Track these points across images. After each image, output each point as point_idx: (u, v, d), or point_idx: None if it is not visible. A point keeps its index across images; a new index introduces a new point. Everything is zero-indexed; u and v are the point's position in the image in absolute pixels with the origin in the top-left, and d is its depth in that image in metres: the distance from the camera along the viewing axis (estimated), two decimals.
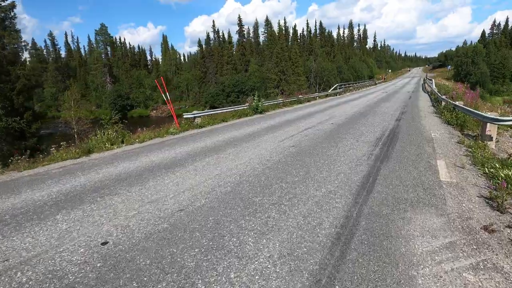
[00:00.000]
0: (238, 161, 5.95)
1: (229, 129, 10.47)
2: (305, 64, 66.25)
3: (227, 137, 8.78)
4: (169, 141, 8.68)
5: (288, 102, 18.65)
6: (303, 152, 6.41)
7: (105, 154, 7.37)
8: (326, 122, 10.77)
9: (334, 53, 74.12)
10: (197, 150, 7.19)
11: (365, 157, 5.86)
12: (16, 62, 17.54)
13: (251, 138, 8.30)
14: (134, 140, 9.22)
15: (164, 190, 4.46)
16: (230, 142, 7.91)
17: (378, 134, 8.11)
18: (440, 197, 3.89)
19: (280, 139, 8.00)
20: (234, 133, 9.34)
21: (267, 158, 6.04)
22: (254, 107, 14.55)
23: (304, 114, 13.88)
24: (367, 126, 9.43)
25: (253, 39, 74.79)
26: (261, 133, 9.03)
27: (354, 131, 8.65)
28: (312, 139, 7.75)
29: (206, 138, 8.73)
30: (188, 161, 6.10)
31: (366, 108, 15.05)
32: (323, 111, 14.44)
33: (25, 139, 18.14)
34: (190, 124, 11.62)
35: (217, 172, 5.24)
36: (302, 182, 4.54)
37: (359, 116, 11.93)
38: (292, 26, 78.67)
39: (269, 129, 9.88)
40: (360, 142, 7.19)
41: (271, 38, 66.09)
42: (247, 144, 7.51)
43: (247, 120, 12.78)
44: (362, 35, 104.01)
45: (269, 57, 63.33)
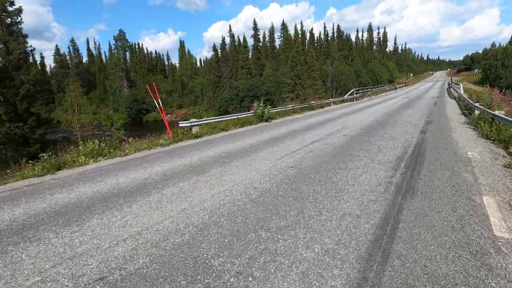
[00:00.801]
0: (218, 188, 4.73)
1: (226, 140, 9.29)
2: (322, 68, 64.56)
3: (218, 151, 7.59)
4: (152, 156, 7.60)
5: (299, 108, 17.28)
6: (302, 177, 5.10)
7: (73, 172, 6.36)
8: (337, 133, 9.36)
9: (352, 57, 71.84)
10: (177, 169, 6.04)
11: (382, 187, 4.47)
12: (21, 67, 17.34)
13: (245, 154, 7.06)
14: (120, 152, 8.23)
15: (101, 236, 3.30)
16: (220, 159, 6.71)
17: (399, 151, 6.65)
18: (501, 275, 2.48)
19: (279, 155, 6.71)
20: (229, 147, 8.14)
21: (255, 185, 4.78)
22: (259, 115, 13.32)
23: (314, 122, 12.49)
24: (386, 140, 7.95)
25: (268, 43, 73.97)
26: (259, 147, 7.78)
27: (370, 146, 7.21)
28: (316, 157, 6.40)
29: (195, 153, 7.58)
30: (158, 187, 4.94)
31: (385, 116, 13.44)
32: (336, 120, 12.98)
33: (29, 145, 17.82)
34: (186, 133, 10.55)
35: (184, 206, 4.04)
36: (290, 230, 3.25)
37: (377, 126, 10.42)
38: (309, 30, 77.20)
39: (270, 141, 8.61)
40: (376, 163, 5.77)
41: (286, 42, 64.88)
42: (238, 163, 6.28)
43: (250, 130, 11.56)
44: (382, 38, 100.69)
45: (284, 61, 62.09)
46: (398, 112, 14.72)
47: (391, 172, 5.17)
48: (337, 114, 15.54)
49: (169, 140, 9.46)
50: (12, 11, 17.12)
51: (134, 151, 8.43)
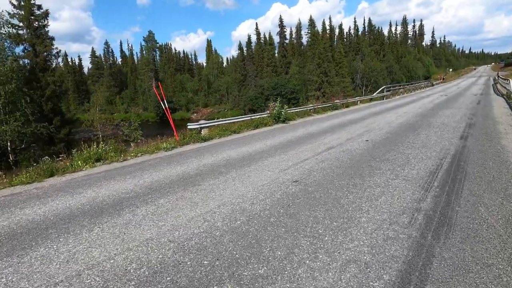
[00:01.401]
0: (200, 208, 3.95)
1: (234, 144, 8.52)
2: (351, 64, 61.77)
3: (220, 158, 6.83)
4: (149, 162, 7.02)
5: (321, 108, 16.07)
6: (305, 196, 4.17)
7: (62, 180, 5.93)
8: (359, 138, 8.20)
9: (384, 52, 67.92)
10: (166, 180, 5.36)
11: (406, 216, 3.41)
12: (47, 69, 17.90)
13: (248, 162, 6.22)
14: (119, 157, 7.78)
15: (33, 276, 2.65)
16: (218, 168, 5.94)
17: (432, 164, 5.43)
18: None
19: (285, 165, 5.80)
20: (233, 153, 7.35)
21: (245, 206, 3.93)
22: (275, 115, 12.39)
23: (335, 124, 11.32)
24: (416, 148, 6.70)
25: (295, 40, 72.20)
26: (266, 154, 6.90)
27: (395, 157, 6.05)
28: (329, 169, 5.40)
29: (194, 160, 6.88)
30: (135, 204, 4.26)
31: (418, 117, 11.89)
32: (360, 121, 11.69)
33: (54, 144, 18.39)
34: (195, 136, 9.93)
35: (151, 235, 3.30)
36: (268, 285, 2.37)
37: (407, 130, 9.07)
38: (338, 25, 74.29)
39: (280, 147, 7.69)
40: (401, 179, 4.66)
41: (313, 38, 62.83)
42: (236, 173, 5.46)
43: (263, 132, 10.69)
44: (417, 32, 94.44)
45: (311, 58, 60.21)
46: (433, 113, 13.03)
47: (420, 194, 4.05)
48: (362, 114, 14.15)
49: (173, 143, 8.89)
50: (39, 15, 17.75)
51: (136, 155, 7.95)
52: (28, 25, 17.28)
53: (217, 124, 11.06)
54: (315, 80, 54.21)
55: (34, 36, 17.47)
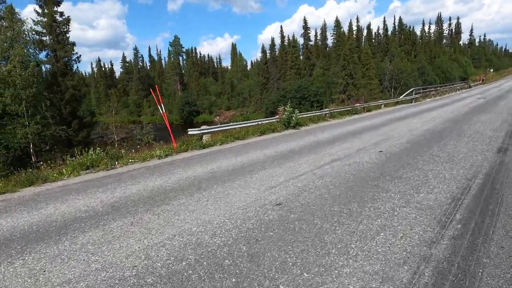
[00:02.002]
0: (150, 238, 3.25)
1: (231, 153, 7.79)
2: (379, 66, 58.97)
3: (207, 170, 6.12)
4: (133, 172, 6.47)
5: (338, 112, 14.89)
6: (281, 227, 3.32)
7: (34, 191, 5.52)
8: (372, 148, 7.12)
9: (416, 52, 64.11)
10: (135, 196, 4.73)
11: (406, 270, 2.45)
12: (67, 74, 18.41)
13: (234, 176, 5.45)
14: (106, 165, 7.37)
15: None
16: (198, 183, 5.23)
17: (456, 187, 4.32)
18: None
19: (274, 182, 4.95)
20: (225, 163, 6.61)
21: (203, 239, 3.17)
22: (285, 120, 11.51)
23: (350, 131, 10.20)
24: (439, 163, 5.54)
25: (320, 42, 70.42)
26: (259, 166, 6.08)
27: (410, 174, 4.97)
28: (323, 188, 4.48)
29: (180, 171, 6.23)
30: (83, 227, 3.66)
31: (447, 123, 10.43)
32: (379, 127, 10.47)
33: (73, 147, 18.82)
34: (196, 143, 9.33)
35: (71, 276, 2.63)
36: None
37: (431, 139, 7.80)
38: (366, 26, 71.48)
39: (279, 157, 6.83)
40: (411, 207, 3.65)
41: (339, 39, 60.83)
42: (214, 191, 4.71)
43: (268, 139, 9.87)
44: (454, 30, 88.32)
45: (336, 60, 58.28)
46: (467, 119, 11.43)
47: (434, 232, 3.04)
48: (383, 119, 12.83)
49: (167, 151, 8.33)
50: (61, 21, 18.35)
51: (126, 163, 7.48)
52: (50, 32, 17.93)
53: (219, 129, 10.40)
54: (339, 83, 52.28)
55: (56, 42, 18.08)
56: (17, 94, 15.98)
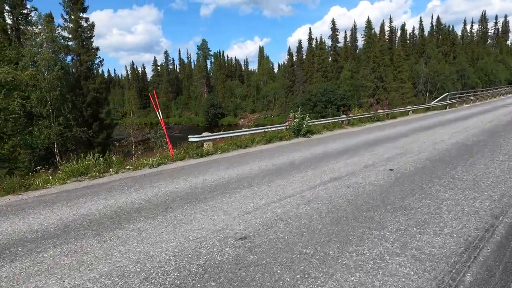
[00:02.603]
0: (73, 278, 2.72)
1: (225, 164, 7.20)
2: (413, 68, 55.52)
3: (189, 185, 5.57)
4: (113, 184, 6.08)
5: (357, 119, 13.74)
6: (232, 274, 2.64)
7: (7, 201, 5.32)
8: (383, 165, 6.15)
9: (455, 53, 59.47)
10: (95, 215, 4.28)
11: None
12: (89, 77, 19.05)
13: (211, 195, 4.84)
14: (117, 168, 7.14)
15: None
16: (171, 201, 4.68)
17: (475, 227, 3.35)
18: None
19: (252, 206, 4.27)
20: (211, 177, 6.02)
21: (130, 285, 2.58)
22: (295, 128, 10.70)
23: (364, 142, 9.17)
24: (459, 190, 4.51)
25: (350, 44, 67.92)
26: (245, 183, 5.41)
27: (419, 204, 4.03)
28: (304, 219, 3.71)
29: (161, 184, 5.74)
30: (12, 254, 3.24)
31: (482, 135, 9.01)
32: (399, 138, 9.32)
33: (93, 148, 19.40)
34: (192, 151, 8.84)
35: None
36: None
37: (458, 156, 6.63)
38: (400, 27, 67.71)
39: (272, 172, 6.11)
40: (407, 257, 2.78)
41: (370, 41, 58.21)
42: (181, 213, 4.13)
43: (274, 148, 9.15)
44: (501, 29, 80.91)
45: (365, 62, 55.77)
46: (507, 130, 9.86)
47: None
48: (407, 129, 11.52)
49: (161, 159, 7.93)
50: (86, 27, 19.07)
51: (117, 171, 7.18)
52: (75, 37, 18.69)
53: (221, 137, 9.85)
54: (368, 86, 49.90)
55: (80, 47, 18.81)
56: (42, 96, 16.72)
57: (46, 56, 16.81)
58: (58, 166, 8.86)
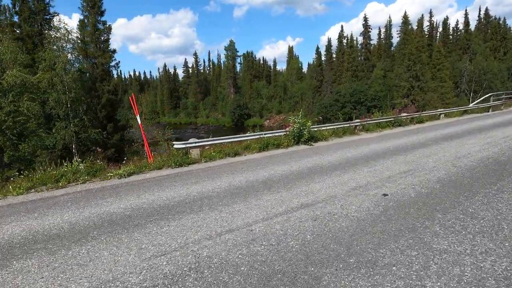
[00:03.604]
0: None
1: (197, 177, 6.33)
2: (455, 66, 50.63)
3: (131, 206, 4.76)
4: (69, 196, 5.48)
5: (374, 124, 12.12)
6: None
7: None
8: (377, 187, 4.86)
9: (507, 49, 53.20)
10: (21, 241, 3.64)
11: None
12: (105, 79, 19.33)
13: (142, 222, 3.98)
14: (82, 179, 6.68)
15: None
16: (91, 229, 3.91)
17: None
18: None
19: (175, 244, 3.34)
20: (167, 194, 5.18)
21: None
22: (295, 134, 9.53)
23: (370, 153, 7.76)
24: (467, 235, 3.17)
25: (384, 41, 63.84)
26: (194, 207, 4.48)
27: (399, 259, 2.81)
28: (225, 274, 2.70)
29: (107, 202, 5.01)
30: None
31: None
32: (413, 150, 7.77)
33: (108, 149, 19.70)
34: (173, 159, 8.07)
35: None
36: None
37: (481, 177, 5.10)
38: (442, 21, 62.19)
39: (236, 193, 5.11)
40: None
41: (406, 37, 54.08)
42: (83, 250, 3.33)
43: (264, 158, 8.11)
44: None
45: (400, 60, 51.90)
46: None
47: None
48: (429, 137, 9.78)
49: (136, 168, 7.28)
50: (102, 29, 19.43)
51: (84, 180, 6.65)
52: (92, 40, 19.11)
53: (210, 143, 9.02)
54: (402, 86, 46.23)
55: (97, 49, 19.20)
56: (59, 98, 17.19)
57: (64, 59, 17.24)
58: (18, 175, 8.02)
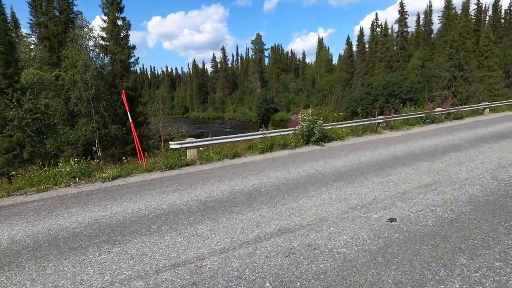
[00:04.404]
0: None
1: (179, 184, 5.64)
2: (506, 53, 45.20)
3: (89, 220, 4.17)
4: (39, 204, 5.06)
5: (400, 121, 10.59)
6: None
7: None
8: (383, 209, 3.78)
9: None
10: None
11: None
12: (124, 75, 19.43)
13: (81, 247, 3.34)
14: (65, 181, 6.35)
15: None
16: (20, 253, 3.35)
17: None
18: None
19: (99, 284, 2.63)
20: (133, 206, 4.53)
21: None
22: (304, 133, 8.49)
23: (388, 157, 6.52)
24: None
25: (423, 28, 58.74)
26: (153, 226, 3.76)
27: None
28: None
29: (70, 213, 4.47)
30: None
31: None
32: (442, 155, 6.38)
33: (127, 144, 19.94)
34: (175, 158, 7.51)
35: None
36: None
37: None
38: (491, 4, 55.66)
39: (210, 206, 4.30)
40: None
41: (448, 23, 49.18)
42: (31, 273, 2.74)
43: (264, 161, 7.21)
44: None
45: (441, 48, 47.34)
46: None
47: None
48: (466, 136, 8.18)
49: (127, 170, 6.78)
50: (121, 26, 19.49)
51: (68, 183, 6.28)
52: (111, 37, 19.25)
53: (208, 143, 8.28)
54: (443, 76, 42.08)
55: (117, 46, 19.33)
56: (81, 95, 17.56)
57: (84, 57, 17.53)
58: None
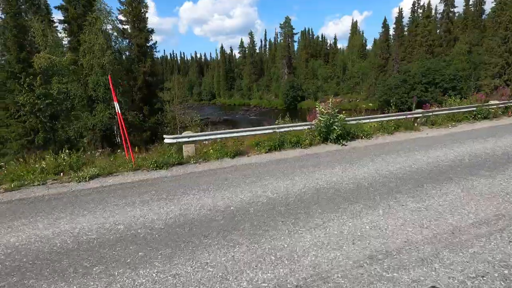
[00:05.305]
0: None
1: (156, 193, 4.61)
2: None
3: (18, 239, 3.26)
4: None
5: (444, 116, 8.70)
6: None
7: None
8: (423, 263, 2.43)
9: None
10: None
11: None
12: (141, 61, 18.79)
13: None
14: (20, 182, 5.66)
15: None
16: None
17: None
18: None
19: None
20: (85, 224, 3.56)
21: None
22: (322, 129, 7.06)
23: (441, 163, 4.97)
24: None
25: (472, 8, 52.32)
26: (95, 260, 2.74)
27: None
28: None
29: (17, 225, 3.62)
30: None
31: None
32: (503, 168, 4.72)
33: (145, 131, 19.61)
34: (169, 155, 6.54)
35: None
36: None
37: None
38: None
39: (175, 237, 3.20)
40: None
41: (503, 1, 43.05)
42: None
43: (269, 163, 5.96)
44: None
45: (493, 31, 41.77)
46: None
47: None
48: None
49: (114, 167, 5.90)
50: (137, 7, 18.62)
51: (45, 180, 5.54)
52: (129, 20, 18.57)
53: (207, 138, 7.15)
54: (494, 62, 37.16)
55: (135, 29, 18.65)
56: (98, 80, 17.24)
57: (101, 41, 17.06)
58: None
